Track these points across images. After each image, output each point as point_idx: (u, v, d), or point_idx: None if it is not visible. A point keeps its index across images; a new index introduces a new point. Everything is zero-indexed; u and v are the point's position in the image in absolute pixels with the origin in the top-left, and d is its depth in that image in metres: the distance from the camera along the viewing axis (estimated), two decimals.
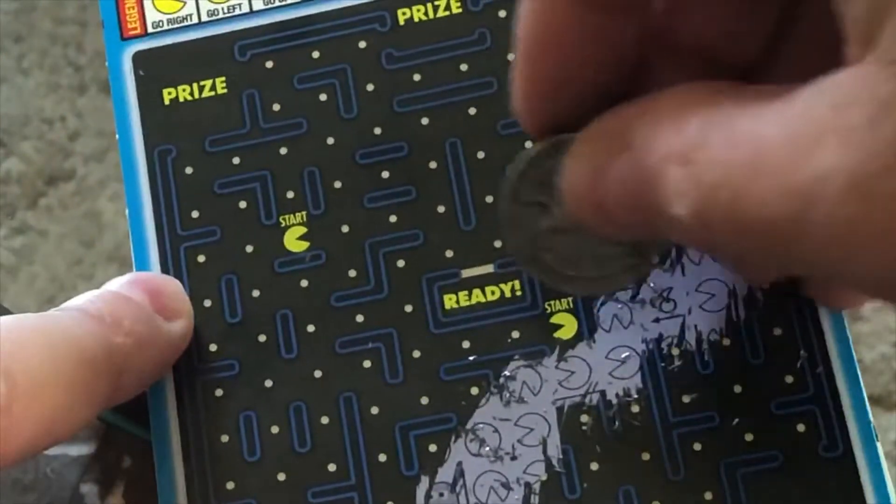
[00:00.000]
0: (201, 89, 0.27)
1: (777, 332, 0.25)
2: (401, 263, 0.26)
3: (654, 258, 0.24)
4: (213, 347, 0.26)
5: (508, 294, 0.26)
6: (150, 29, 0.28)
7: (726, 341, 0.25)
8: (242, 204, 0.27)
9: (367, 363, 0.26)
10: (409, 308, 0.26)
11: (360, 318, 0.26)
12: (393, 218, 0.26)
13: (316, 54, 0.27)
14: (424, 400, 0.25)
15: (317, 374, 0.26)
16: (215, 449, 0.25)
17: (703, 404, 0.25)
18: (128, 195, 0.27)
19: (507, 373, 0.25)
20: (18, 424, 0.21)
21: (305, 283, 0.26)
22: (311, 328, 0.26)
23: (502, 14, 0.27)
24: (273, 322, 0.26)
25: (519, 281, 0.26)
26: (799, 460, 0.24)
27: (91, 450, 0.30)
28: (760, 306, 0.25)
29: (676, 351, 0.25)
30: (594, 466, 0.25)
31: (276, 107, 0.27)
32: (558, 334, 0.26)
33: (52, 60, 0.85)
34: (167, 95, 0.27)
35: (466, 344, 0.26)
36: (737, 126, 0.17)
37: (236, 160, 0.27)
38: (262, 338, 0.26)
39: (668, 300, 0.26)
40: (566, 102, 0.22)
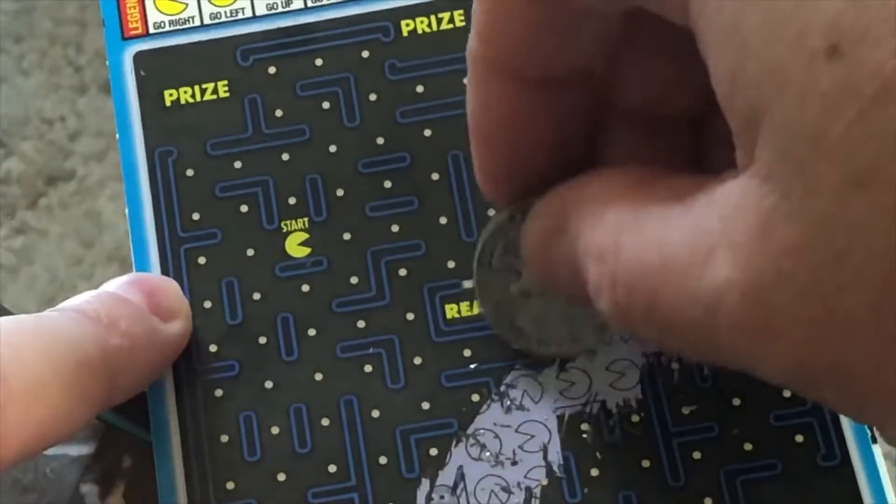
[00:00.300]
0: (203, 92, 0.27)
1: None
2: (402, 272, 0.26)
3: None
4: (213, 348, 0.26)
5: None
6: (152, 29, 0.28)
7: None
8: (244, 208, 0.27)
9: (369, 368, 0.26)
10: (411, 316, 0.26)
11: (362, 324, 0.26)
12: (395, 227, 0.26)
13: (319, 62, 0.27)
14: (425, 405, 0.25)
15: (317, 377, 0.26)
16: (215, 449, 0.25)
17: (703, 416, 0.25)
18: (128, 196, 0.27)
19: (508, 381, 0.25)
20: (14, 428, 0.21)
21: (307, 288, 0.26)
22: (312, 332, 0.26)
23: None
24: (274, 325, 0.26)
25: None
26: (797, 469, 0.25)
27: (91, 450, 0.30)
28: None
29: (676, 365, 0.25)
30: (594, 472, 0.25)
31: (279, 113, 0.27)
32: None
33: (52, 60, 0.85)
34: (168, 97, 0.27)
35: (468, 352, 0.26)
36: (647, 228, 0.18)
37: (238, 164, 0.27)
38: (263, 340, 0.26)
39: None
40: (526, 173, 0.22)
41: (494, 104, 0.21)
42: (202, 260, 0.26)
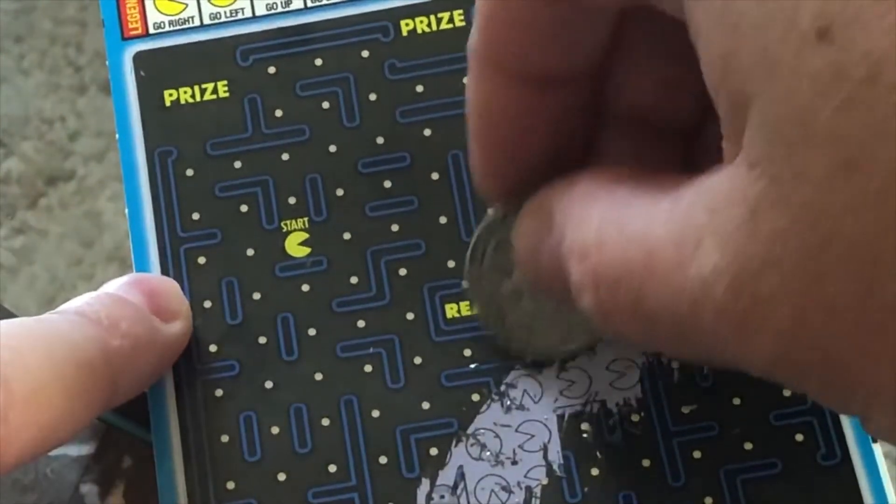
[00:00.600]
0: (203, 92, 0.27)
1: None
2: (402, 272, 0.26)
3: None
4: (213, 348, 0.26)
5: None
6: (152, 30, 0.28)
7: None
8: (244, 208, 0.27)
9: (369, 367, 0.26)
10: (411, 316, 0.26)
11: (362, 324, 0.26)
12: (395, 227, 0.26)
13: (319, 62, 0.27)
14: (425, 405, 0.25)
15: (317, 377, 0.26)
16: (215, 449, 0.25)
17: (703, 415, 0.25)
18: (128, 196, 0.27)
19: (508, 381, 0.25)
20: (16, 432, 0.21)
21: (307, 288, 0.26)
22: (312, 332, 0.26)
23: None
24: (274, 325, 0.26)
25: None
26: (798, 468, 0.25)
27: (91, 450, 0.30)
28: None
29: (676, 364, 0.25)
30: (595, 472, 0.25)
31: (279, 113, 0.27)
32: None
33: (52, 60, 0.85)
34: (168, 97, 0.27)
35: (468, 352, 0.26)
36: (631, 224, 0.18)
37: (238, 164, 0.27)
38: (263, 340, 0.26)
39: None
40: (521, 170, 0.22)
41: (493, 100, 0.21)
42: (202, 260, 0.26)
